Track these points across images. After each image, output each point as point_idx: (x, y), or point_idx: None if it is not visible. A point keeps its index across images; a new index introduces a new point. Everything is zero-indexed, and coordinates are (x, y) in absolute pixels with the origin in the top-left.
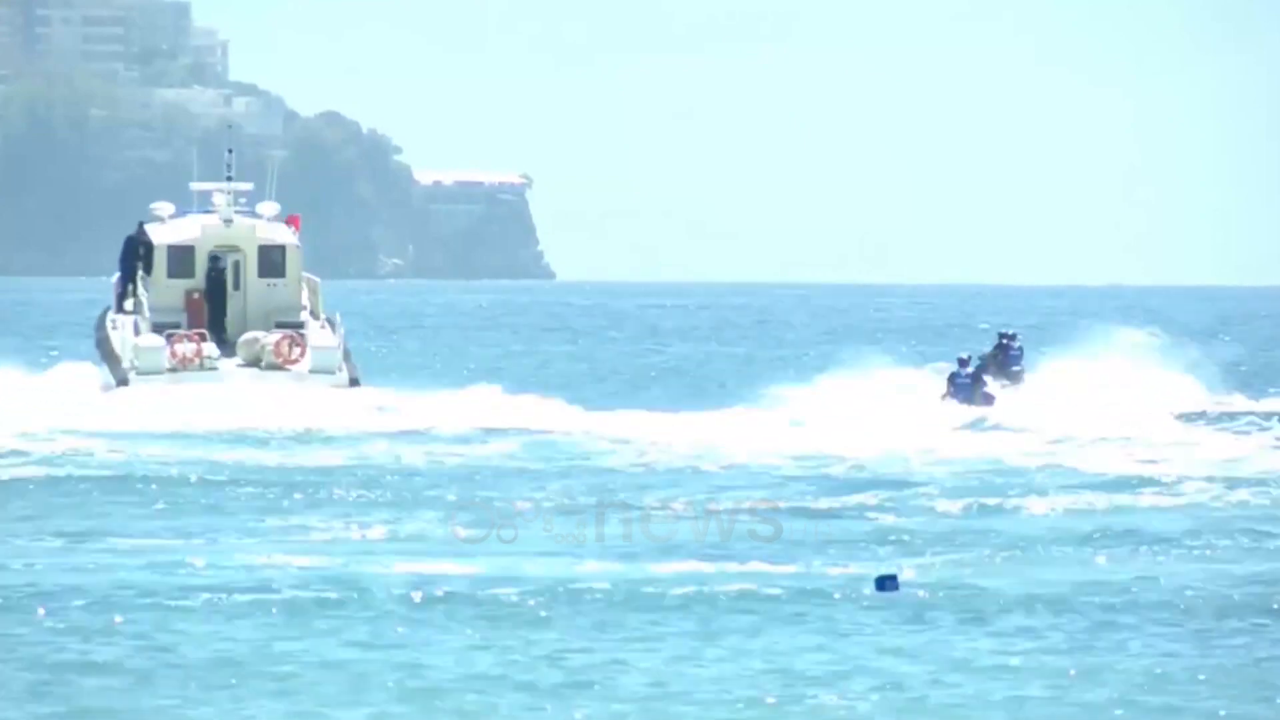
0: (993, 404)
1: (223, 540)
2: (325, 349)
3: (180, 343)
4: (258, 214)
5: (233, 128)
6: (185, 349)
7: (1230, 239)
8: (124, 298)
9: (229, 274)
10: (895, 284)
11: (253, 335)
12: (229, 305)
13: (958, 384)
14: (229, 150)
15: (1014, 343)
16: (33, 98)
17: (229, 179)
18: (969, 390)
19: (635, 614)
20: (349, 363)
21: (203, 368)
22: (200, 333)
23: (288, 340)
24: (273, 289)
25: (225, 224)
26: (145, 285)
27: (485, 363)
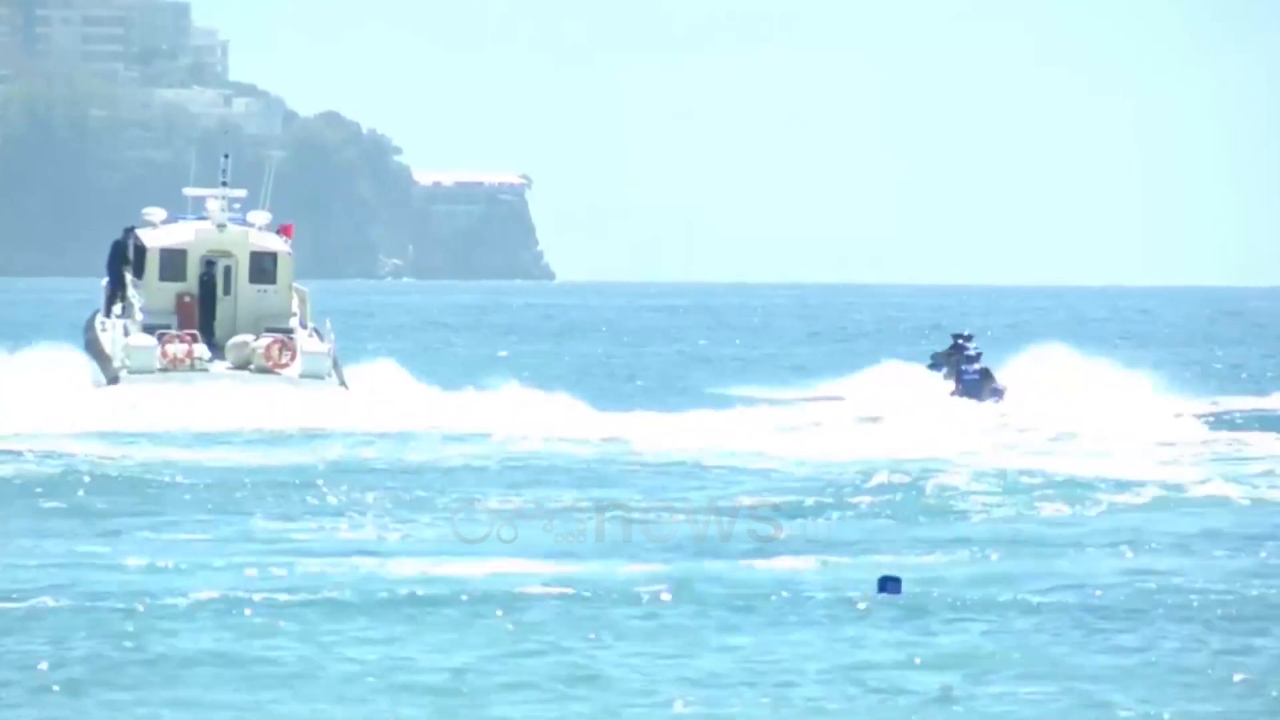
0: (1002, 398)
1: (220, 539)
2: (315, 354)
3: (171, 343)
4: (249, 222)
5: (229, 132)
6: (176, 349)
7: (1230, 239)
8: (113, 301)
9: (220, 279)
10: (895, 284)
11: (242, 339)
12: (219, 310)
13: (965, 380)
14: (224, 155)
15: (969, 344)
16: (33, 98)
17: (224, 184)
18: (977, 386)
19: (636, 614)
20: (338, 369)
21: (194, 368)
22: (191, 334)
23: (278, 344)
24: (263, 295)
25: (219, 229)
26: (136, 288)
27: (485, 363)
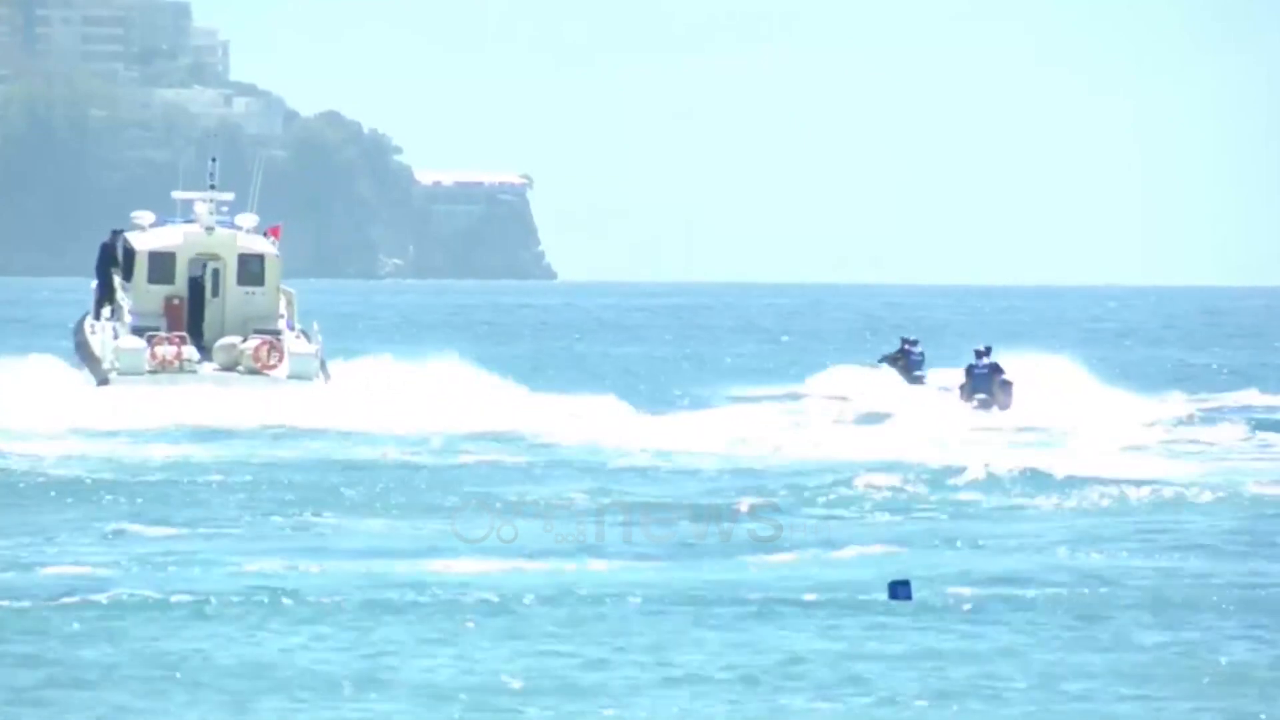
0: (1010, 392)
1: (216, 538)
2: (303, 355)
3: (161, 345)
4: (236, 225)
5: (218, 135)
6: (165, 351)
7: (1229, 239)
8: (102, 304)
9: (208, 281)
10: (895, 284)
11: (230, 340)
12: (207, 311)
13: (975, 374)
14: (212, 159)
15: (915, 348)
16: (33, 98)
17: (212, 187)
18: (986, 380)
19: (636, 614)
20: (325, 371)
21: (182, 370)
22: (180, 335)
23: (266, 346)
24: (251, 297)
25: (207, 232)
26: (125, 290)
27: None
